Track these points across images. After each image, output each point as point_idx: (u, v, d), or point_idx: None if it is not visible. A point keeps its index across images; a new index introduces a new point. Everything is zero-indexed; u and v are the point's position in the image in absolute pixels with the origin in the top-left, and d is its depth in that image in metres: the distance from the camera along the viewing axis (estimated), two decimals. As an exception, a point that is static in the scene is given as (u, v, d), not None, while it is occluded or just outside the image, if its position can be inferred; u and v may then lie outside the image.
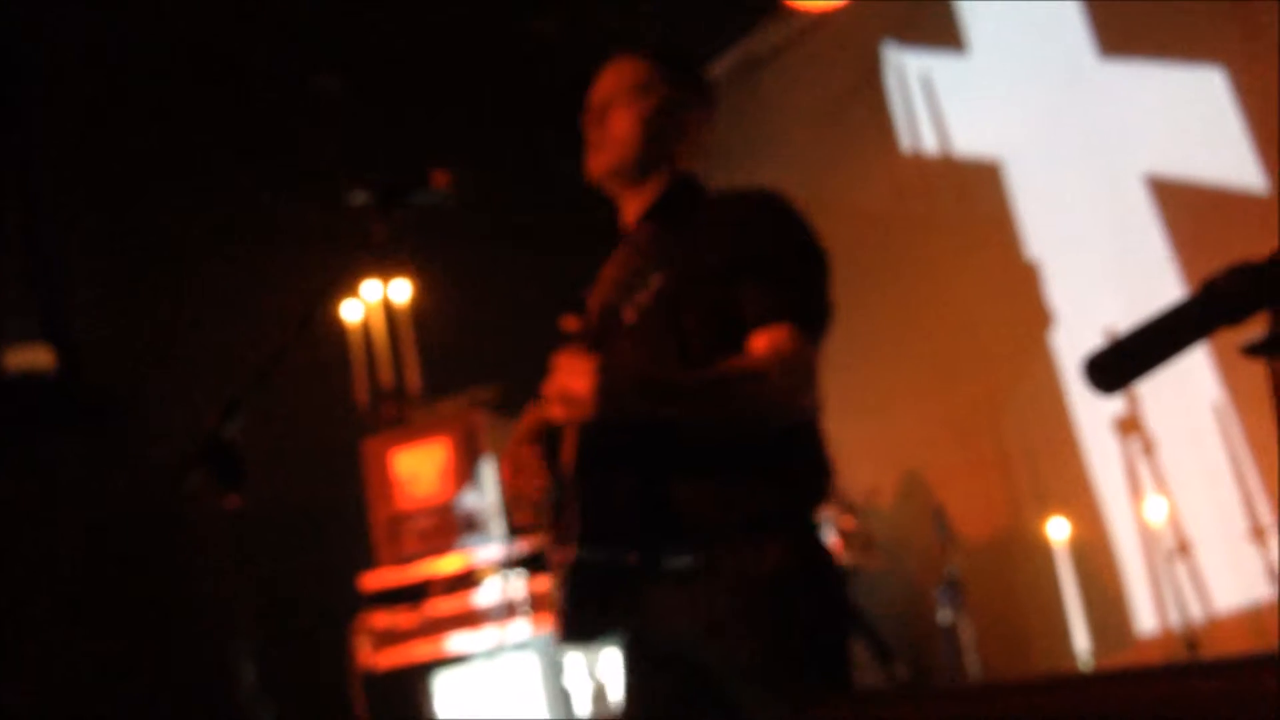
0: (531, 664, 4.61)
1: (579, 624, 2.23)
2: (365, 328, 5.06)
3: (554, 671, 4.56)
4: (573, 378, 1.92)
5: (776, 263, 2.13)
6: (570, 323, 1.95)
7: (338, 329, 5.07)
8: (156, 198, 5.36)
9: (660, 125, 2.29)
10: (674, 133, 2.31)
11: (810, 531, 2.20)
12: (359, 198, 2.32)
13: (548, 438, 2.29)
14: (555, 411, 1.96)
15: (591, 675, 4.39)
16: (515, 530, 4.54)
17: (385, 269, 5.15)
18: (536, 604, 4.36)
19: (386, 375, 4.97)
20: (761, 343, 2.08)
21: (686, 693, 2.17)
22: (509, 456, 2.33)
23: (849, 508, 4.88)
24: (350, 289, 5.02)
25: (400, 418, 4.92)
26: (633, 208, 2.33)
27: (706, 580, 2.10)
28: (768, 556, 2.10)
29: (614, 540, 2.12)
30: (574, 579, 2.17)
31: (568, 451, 2.14)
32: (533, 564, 4.41)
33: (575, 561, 2.15)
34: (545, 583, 2.36)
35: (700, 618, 2.10)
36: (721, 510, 2.11)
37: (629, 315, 1.95)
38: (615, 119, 2.30)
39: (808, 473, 2.22)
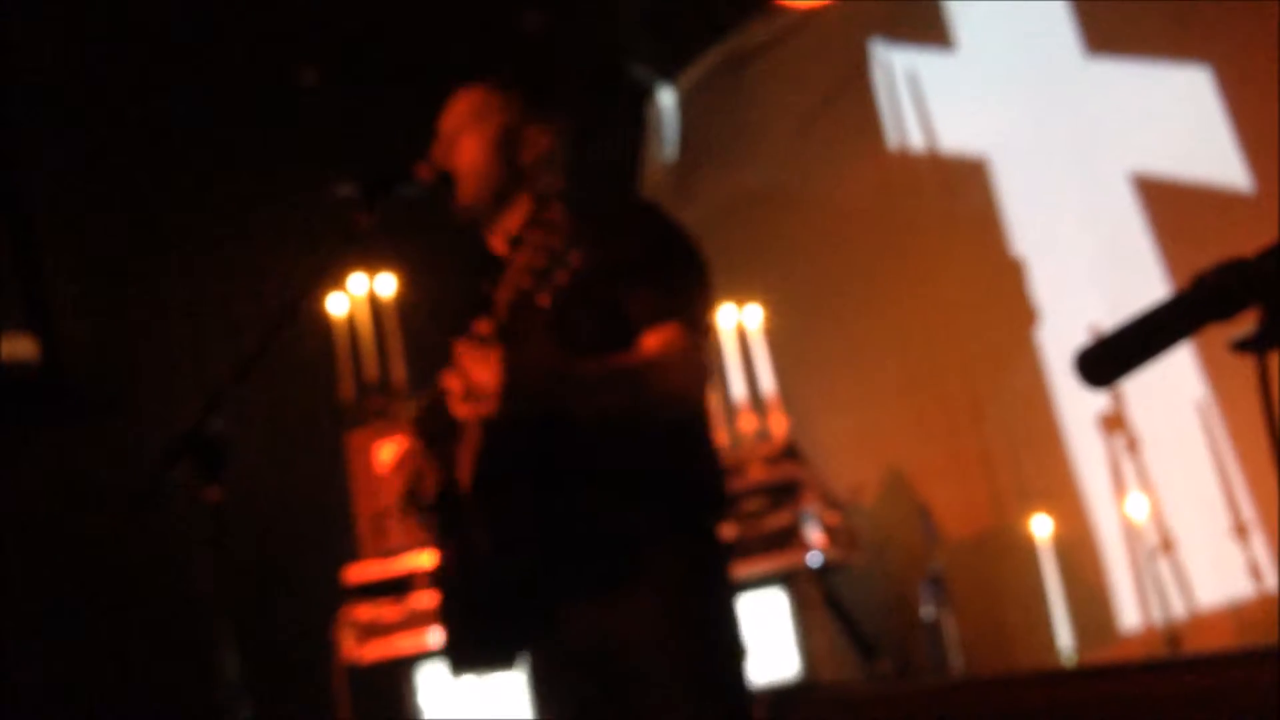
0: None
1: (481, 646, 2.22)
2: (350, 321, 5.05)
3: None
4: (478, 369, 1.88)
5: (661, 267, 2.17)
6: (483, 325, 1.91)
7: (323, 322, 5.05)
8: (140, 189, 5.34)
9: (505, 146, 2.33)
10: (521, 152, 2.34)
11: (710, 536, 2.23)
12: (344, 190, 2.32)
13: (439, 437, 2.27)
14: (459, 407, 1.91)
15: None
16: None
17: (371, 262, 5.14)
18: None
19: (371, 369, 4.96)
20: (654, 341, 2.11)
21: (596, 705, 2.16)
22: (399, 458, 2.33)
23: (833, 504, 4.89)
24: (335, 282, 5.00)
25: (385, 411, 4.91)
26: (501, 234, 2.36)
27: (612, 590, 2.11)
28: (673, 564, 2.12)
29: (519, 550, 2.10)
30: (474, 595, 2.16)
31: (466, 453, 2.10)
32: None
33: (477, 575, 2.14)
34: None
35: (609, 628, 2.11)
36: (624, 516, 2.12)
37: (544, 300, 1.91)
38: (462, 147, 2.34)
39: (704, 477, 2.26)
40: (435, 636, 4.48)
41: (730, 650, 2.18)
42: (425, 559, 4.63)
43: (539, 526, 2.10)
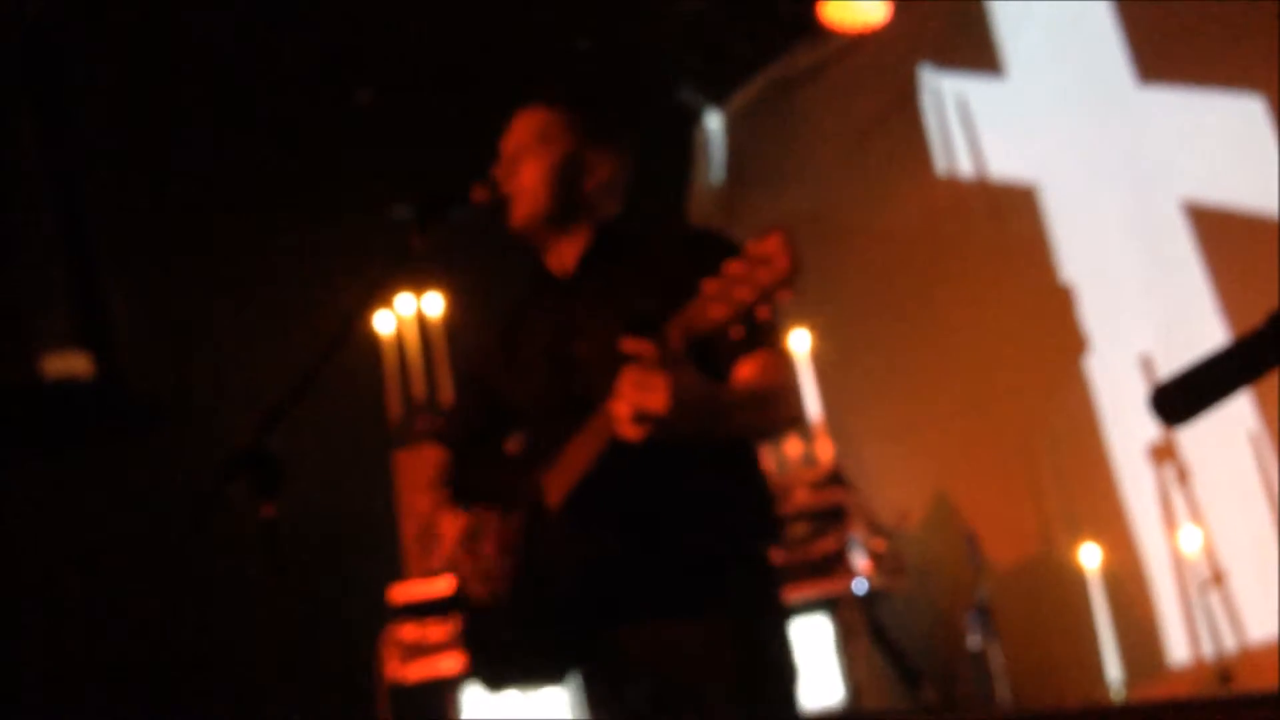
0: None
1: (528, 663, 2.26)
2: (399, 340, 5.08)
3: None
4: (648, 394, 1.89)
5: None
6: (644, 347, 1.92)
7: (371, 341, 5.09)
8: (196, 206, 5.41)
9: (568, 172, 2.34)
10: (584, 178, 2.35)
11: (766, 559, 2.27)
12: (399, 212, 2.34)
13: (471, 472, 2.38)
14: (627, 430, 1.92)
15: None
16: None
17: (419, 282, 5.18)
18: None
19: (419, 388, 4.99)
20: (752, 368, 2.15)
21: None
22: (434, 493, 2.42)
23: (879, 530, 4.86)
24: (384, 302, 5.04)
25: (432, 431, 4.94)
26: (557, 257, 2.39)
27: (679, 610, 2.14)
28: (735, 586, 2.17)
29: (605, 574, 2.13)
30: (533, 615, 2.19)
31: (566, 473, 2.12)
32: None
33: (549, 588, 2.16)
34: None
35: (669, 648, 2.14)
36: (694, 538, 2.15)
37: (737, 334, 1.90)
38: (524, 170, 2.35)
39: (761, 501, 2.31)
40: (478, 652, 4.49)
41: (786, 673, 2.20)
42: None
43: (622, 546, 2.12)
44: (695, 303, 1.86)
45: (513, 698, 2.46)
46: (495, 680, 2.33)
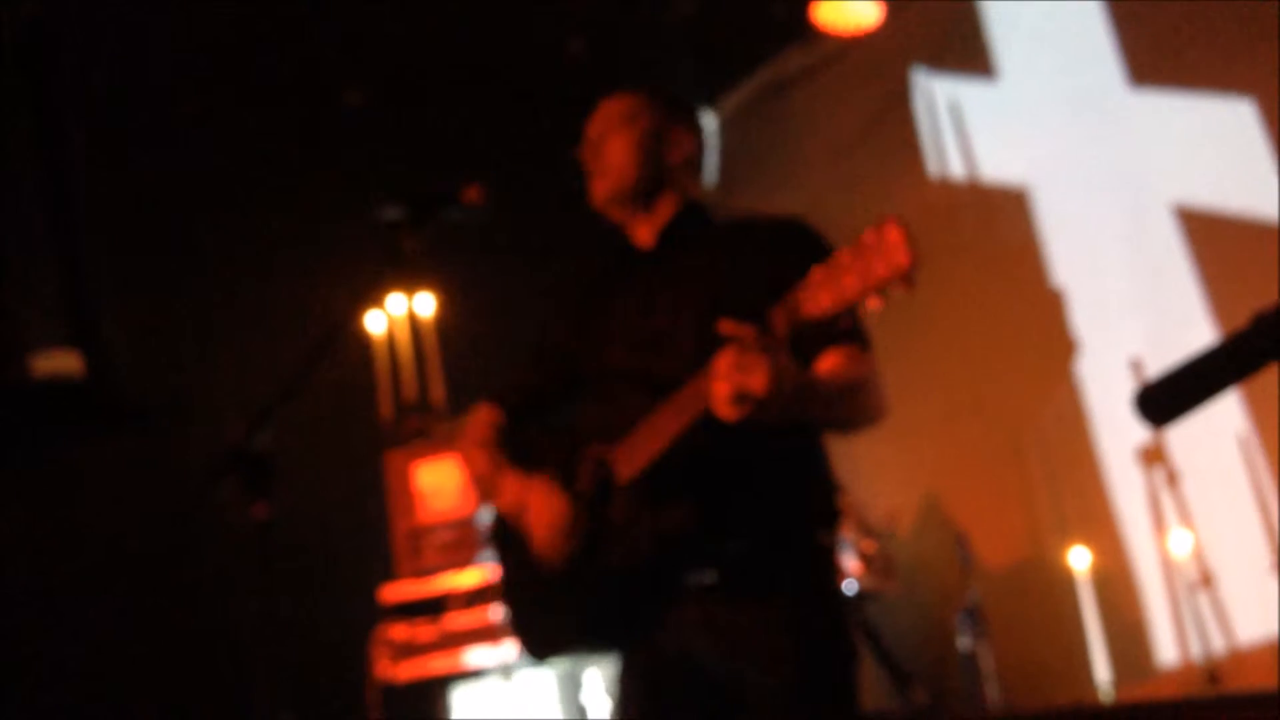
0: (548, 680, 4.61)
1: (581, 630, 2.27)
2: (390, 340, 5.08)
3: (571, 687, 4.56)
4: (749, 376, 1.88)
5: None
6: (746, 331, 1.91)
7: (362, 341, 5.09)
8: (186, 205, 5.40)
9: (653, 146, 2.40)
10: (667, 153, 2.41)
11: (827, 552, 2.28)
12: (391, 212, 2.34)
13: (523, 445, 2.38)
14: (725, 410, 1.91)
15: (608, 691, 4.39)
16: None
17: (410, 282, 5.18)
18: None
19: (410, 388, 4.99)
20: (836, 359, 2.18)
21: (695, 710, 2.20)
22: (490, 452, 2.44)
23: (869, 531, 4.87)
24: (375, 301, 5.04)
25: (423, 431, 4.94)
26: (643, 231, 2.43)
27: (731, 597, 2.15)
28: (792, 576, 2.18)
29: (674, 549, 2.13)
30: (591, 585, 2.20)
31: (644, 450, 2.13)
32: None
33: (608, 567, 2.18)
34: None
35: (722, 636, 2.15)
36: (762, 525, 2.17)
37: (846, 323, 1.94)
38: (610, 147, 2.41)
39: (824, 491, 2.32)
40: (469, 657, 4.49)
41: (844, 657, 2.22)
42: (461, 580, 4.64)
43: (693, 524, 2.12)
44: (801, 289, 1.85)
45: (505, 695, 2.46)
46: (545, 647, 2.34)
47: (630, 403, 2.19)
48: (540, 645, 2.36)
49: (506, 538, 2.40)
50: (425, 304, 5.17)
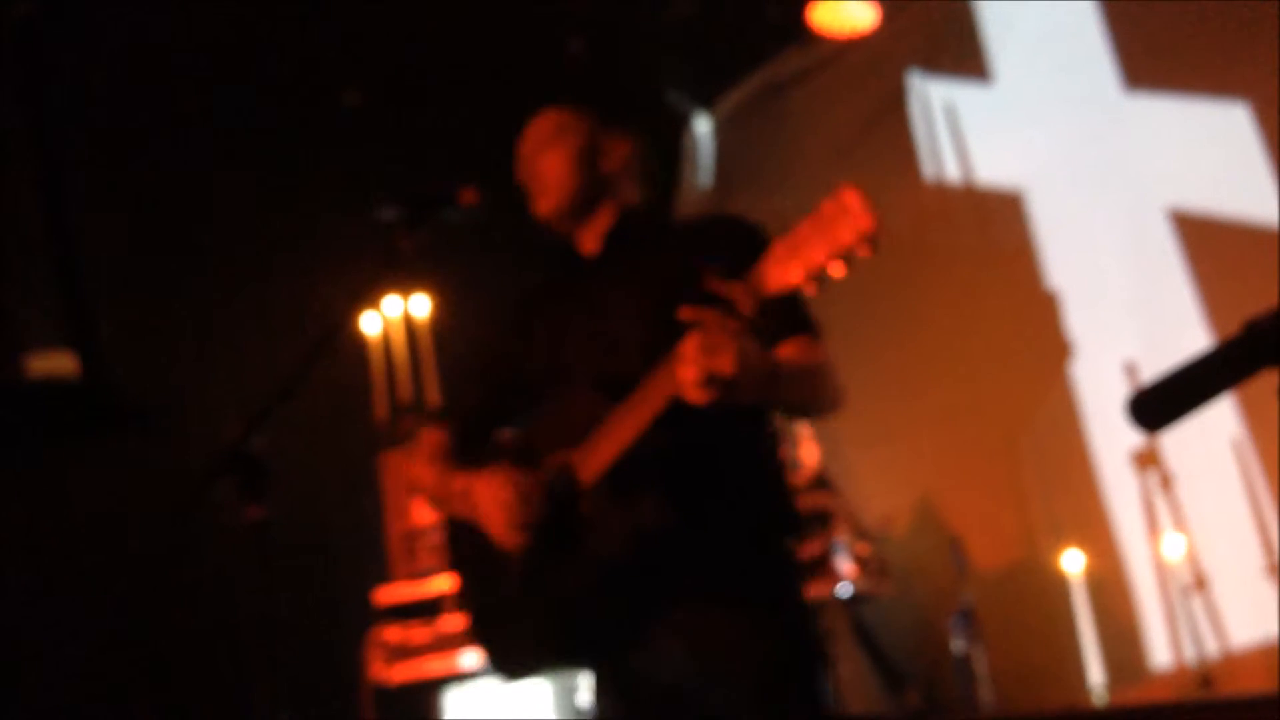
0: (542, 683, 4.60)
1: (553, 648, 2.25)
2: (385, 342, 5.08)
3: (565, 691, 4.56)
4: (716, 357, 1.87)
5: None
6: (693, 311, 1.89)
7: (358, 342, 5.08)
8: (182, 205, 5.40)
9: (587, 158, 2.42)
10: (603, 162, 2.43)
11: (791, 558, 2.30)
12: (388, 213, 2.34)
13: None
14: (693, 394, 1.90)
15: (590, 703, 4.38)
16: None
17: (406, 283, 5.17)
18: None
19: (406, 390, 4.99)
20: (794, 347, 2.18)
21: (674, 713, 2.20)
22: (441, 467, 2.42)
23: (864, 534, 4.87)
24: (371, 303, 5.04)
25: (419, 433, 4.93)
26: (587, 240, 2.44)
27: (700, 603, 2.15)
28: (760, 582, 2.19)
29: (644, 551, 2.12)
30: (558, 598, 2.19)
31: (605, 451, 2.11)
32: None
33: (576, 577, 2.15)
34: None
35: (693, 644, 2.15)
36: (725, 529, 2.17)
37: (811, 290, 1.88)
38: (545, 164, 2.42)
39: (786, 499, 2.34)
40: (464, 659, 4.49)
41: (814, 660, 2.24)
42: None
43: (662, 523, 2.11)
44: (763, 265, 1.84)
45: (499, 698, 2.46)
46: (515, 665, 2.32)
47: (586, 406, 2.18)
48: (510, 663, 2.33)
49: (464, 549, 2.38)
50: (421, 305, 5.16)
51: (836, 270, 1.79)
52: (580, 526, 2.17)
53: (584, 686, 4.46)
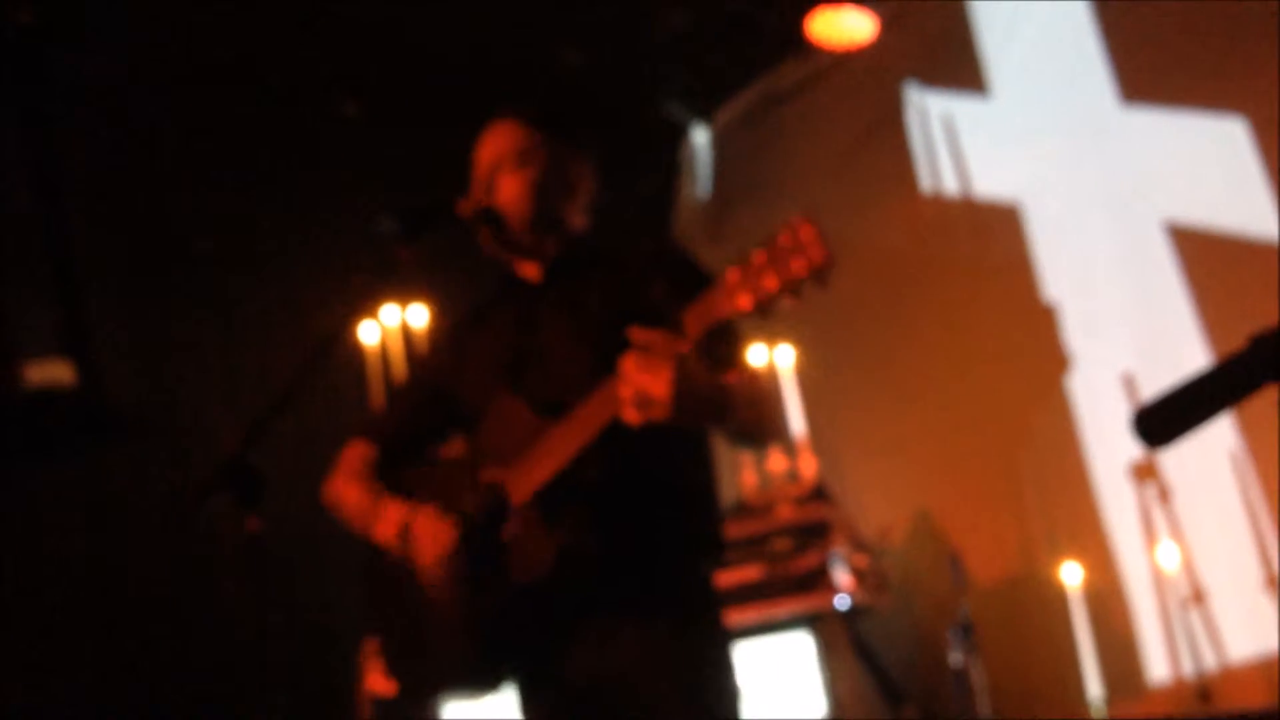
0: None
1: (484, 667, 2.24)
2: (383, 352, 5.07)
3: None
4: (652, 379, 1.89)
5: None
6: (651, 337, 1.91)
7: (356, 352, 5.08)
8: (180, 215, 5.40)
9: (547, 189, 2.37)
10: (562, 194, 2.39)
11: (711, 580, 2.29)
12: (386, 224, 2.34)
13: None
14: (629, 414, 1.92)
15: None
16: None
17: (404, 293, 5.17)
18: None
19: (403, 400, 4.97)
20: (739, 375, 2.17)
21: None
22: (365, 484, 2.43)
23: (861, 546, 4.87)
24: (369, 312, 5.03)
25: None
26: (528, 267, 2.42)
27: (626, 620, 2.15)
28: (682, 601, 2.20)
29: (576, 569, 2.11)
30: (482, 616, 2.18)
31: (538, 471, 2.11)
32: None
33: (503, 595, 2.15)
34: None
35: (613, 657, 2.15)
36: (652, 550, 2.17)
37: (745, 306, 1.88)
38: (503, 186, 2.38)
39: (712, 521, 2.33)
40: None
41: (726, 691, 2.20)
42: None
43: (594, 543, 2.11)
44: (716, 292, 1.85)
45: (497, 707, 2.45)
46: (426, 687, 2.35)
47: (524, 426, 2.17)
48: (421, 685, 2.34)
49: (380, 570, 2.37)
50: (419, 316, 5.16)
51: (787, 301, 1.80)
52: (507, 542, 2.16)
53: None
